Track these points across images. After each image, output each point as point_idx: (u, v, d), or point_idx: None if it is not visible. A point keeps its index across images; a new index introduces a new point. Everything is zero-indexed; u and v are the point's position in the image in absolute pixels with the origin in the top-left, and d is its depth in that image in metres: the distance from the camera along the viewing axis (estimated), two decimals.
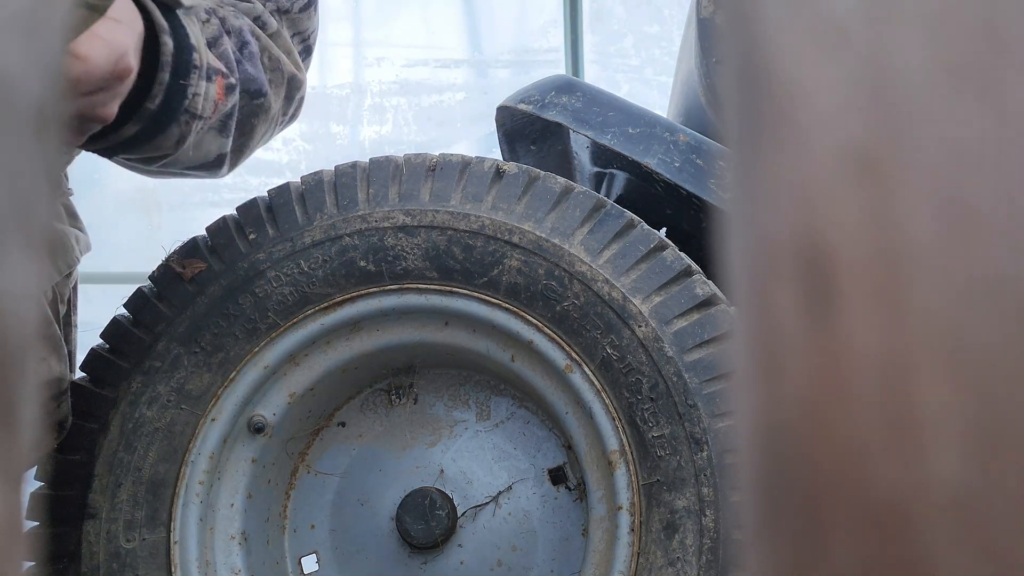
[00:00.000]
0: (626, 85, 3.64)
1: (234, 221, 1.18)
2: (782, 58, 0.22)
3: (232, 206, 1.22)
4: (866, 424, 0.21)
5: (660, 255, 1.11)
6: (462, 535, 1.22)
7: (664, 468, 1.08)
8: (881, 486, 0.21)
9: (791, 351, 0.23)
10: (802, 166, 0.22)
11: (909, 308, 0.21)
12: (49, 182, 0.25)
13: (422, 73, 3.74)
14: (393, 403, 1.28)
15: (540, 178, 1.14)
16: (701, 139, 1.28)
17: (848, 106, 0.22)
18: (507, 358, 1.17)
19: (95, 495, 1.13)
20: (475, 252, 1.13)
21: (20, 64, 0.24)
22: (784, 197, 0.23)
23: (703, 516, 1.06)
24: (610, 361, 1.10)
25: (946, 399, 0.21)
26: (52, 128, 0.25)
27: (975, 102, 0.21)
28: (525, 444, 1.24)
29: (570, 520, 1.22)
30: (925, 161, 0.21)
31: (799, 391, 0.22)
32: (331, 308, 1.16)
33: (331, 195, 1.16)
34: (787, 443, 0.23)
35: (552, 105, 1.35)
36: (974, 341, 0.21)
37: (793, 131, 0.22)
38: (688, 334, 1.08)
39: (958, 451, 0.21)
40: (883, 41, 0.21)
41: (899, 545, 0.21)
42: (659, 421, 1.08)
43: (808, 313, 0.22)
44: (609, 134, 1.29)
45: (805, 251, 0.22)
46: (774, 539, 0.23)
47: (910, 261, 0.21)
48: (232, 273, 1.15)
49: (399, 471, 1.24)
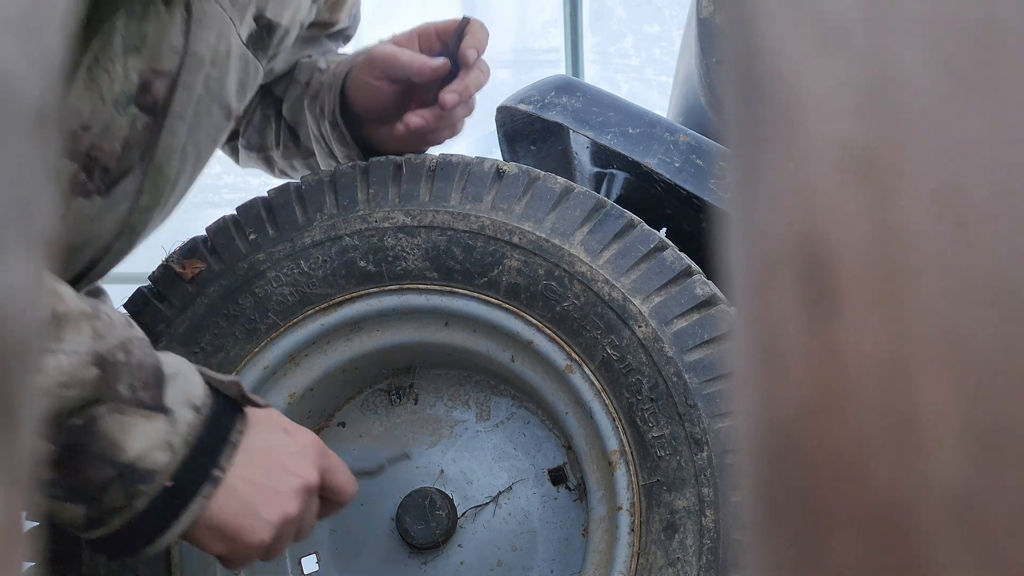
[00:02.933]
0: (626, 85, 3.64)
1: (234, 221, 1.18)
2: (782, 58, 0.22)
3: (232, 206, 1.22)
4: (866, 424, 0.21)
5: (660, 255, 1.11)
6: (462, 535, 1.22)
7: (664, 468, 1.08)
8: (881, 486, 0.21)
9: (791, 351, 0.23)
10: (802, 166, 0.22)
11: (909, 308, 0.21)
12: (49, 182, 0.25)
13: None
14: (393, 403, 1.28)
15: (540, 178, 1.14)
16: (701, 139, 1.28)
17: (848, 106, 0.22)
18: (507, 358, 1.17)
19: None
20: (475, 252, 1.13)
21: (20, 64, 0.24)
22: (784, 197, 0.23)
23: (703, 516, 1.06)
24: (610, 361, 1.10)
25: (946, 399, 0.21)
26: (52, 128, 0.25)
27: (975, 102, 0.21)
28: (525, 444, 1.24)
29: (570, 520, 1.22)
30: (925, 161, 0.21)
31: (799, 391, 0.22)
32: (331, 308, 1.16)
33: (331, 195, 1.16)
34: (787, 443, 0.23)
35: (552, 105, 1.35)
36: (974, 341, 0.21)
37: (793, 131, 0.22)
38: (688, 334, 1.08)
39: (958, 451, 0.21)
40: (883, 41, 0.21)
41: (899, 545, 0.21)
42: (659, 421, 1.08)
43: (808, 313, 0.22)
44: (609, 134, 1.29)
45: (805, 251, 0.22)
46: (774, 539, 0.23)
47: (910, 261, 0.21)
48: (232, 273, 1.15)
49: (399, 471, 1.24)
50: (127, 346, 0.83)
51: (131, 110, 1.01)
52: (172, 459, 0.84)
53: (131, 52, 0.99)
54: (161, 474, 0.84)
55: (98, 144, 1.00)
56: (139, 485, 0.83)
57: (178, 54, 1.03)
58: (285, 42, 1.23)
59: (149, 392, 0.84)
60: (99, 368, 0.80)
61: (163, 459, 0.84)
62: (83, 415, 0.80)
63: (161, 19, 1.00)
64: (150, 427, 0.83)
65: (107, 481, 0.82)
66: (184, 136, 1.08)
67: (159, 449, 0.83)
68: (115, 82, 0.99)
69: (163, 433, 0.84)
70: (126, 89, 1.00)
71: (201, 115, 1.09)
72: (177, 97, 1.05)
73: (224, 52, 1.09)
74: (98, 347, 0.80)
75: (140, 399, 0.83)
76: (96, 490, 0.82)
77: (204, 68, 1.07)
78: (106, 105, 0.99)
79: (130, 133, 1.03)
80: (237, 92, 1.14)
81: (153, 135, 1.05)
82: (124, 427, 0.82)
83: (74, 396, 0.79)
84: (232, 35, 1.10)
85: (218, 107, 1.12)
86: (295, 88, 1.39)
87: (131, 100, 1.01)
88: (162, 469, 0.84)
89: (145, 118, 1.03)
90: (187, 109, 1.07)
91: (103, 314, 0.83)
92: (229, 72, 1.11)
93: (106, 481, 0.82)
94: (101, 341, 0.81)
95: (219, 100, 1.11)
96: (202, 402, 0.88)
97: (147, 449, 0.83)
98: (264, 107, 1.43)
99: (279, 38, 1.20)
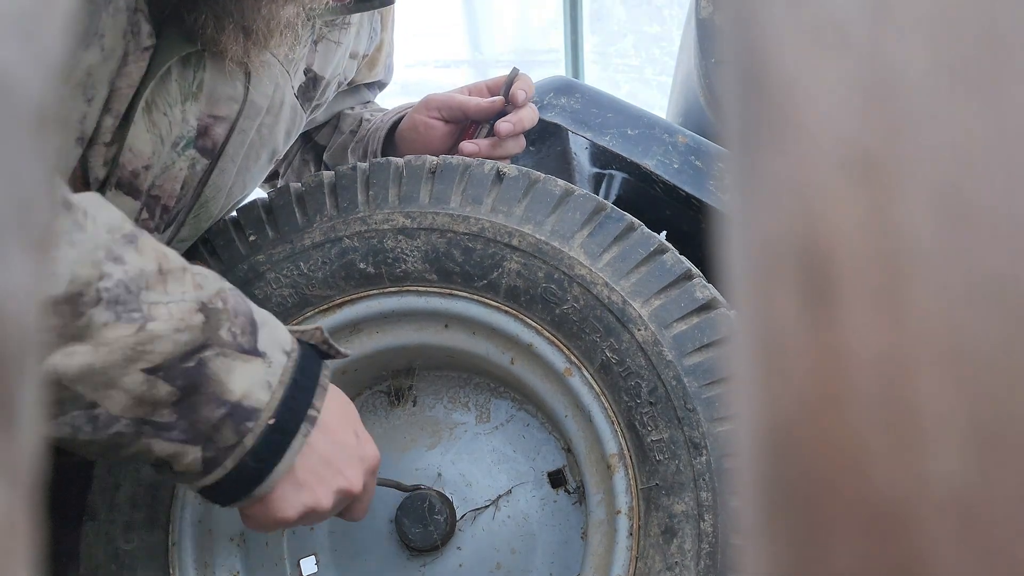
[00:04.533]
0: (626, 85, 3.64)
1: (234, 222, 1.18)
2: (782, 58, 0.22)
3: None
4: (866, 424, 0.21)
5: (660, 258, 1.11)
6: (461, 538, 1.22)
7: (663, 472, 1.07)
8: (881, 486, 0.21)
9: (791, 351, 0.23)
10: (802, 166, 0.22)
11: (909, 308, 0.21)
12: (49, 182, 0.25)
13: (422, 73, 3.74)
14: (393, 405, 1.28)
15: (540, 181, 1.14)
16: (700, 140, 1.28)
17: (848, 106, 0.22)
18: (507, 361, 1.16)
19: (94, 496, 1.13)
20: (475, 255, 1.13)
21: (20, 64, 0.24)
22: (784, 197, 0.23)
23: (702, 521, 1.06)
24: (609, 364, 1.10)
25: (946, 399, 0.21)
26: (52, 128, 0.25)
27: (975, 102, 0.21)
28: (525, 447, 1.24)
29: (569, 523, 1.21)
30: (925, 161, 0.21)
31: (799, 391, 0.22)
32: (331, 310, 1.16)
33: (331, 197, 1.16)
34: (787, 443, 0.23)
35: (551, 106, 1.35)
36: (974, 341, 0.21)
37: (793, 131, 0.22)
38: (688, 338, 1.08)
39: (958, 451, 0.21)
40: (883, 41, 0.21)
41: (899, 545, 0.21)
42: (658, 425, 1.08)
43: (808, 313, 0.22)
44: (608, 135, 1.29)
45: (805, 251, 0.22)
46: (774, 540, 0.23)
47: (910, 261, 0.21)
48: (231, 275, 1.15)
49: (398, 473, 1.24)
50: (223, 295, 0.90)
51: (190, 152, 1.09)
52: (272, 398, 0.91)
53: (189, 98, 1.06)
54: (264, 412, 0.90)
55: (159, 184, 1.07)
56: (246, 423, 0.90)
57: (237, 102, 1.11)
58: (327, 94, 1.34)
59: (246, 337, 0.91)
60: (203, 314, 0.88)
61: (264, 397, 0.90)
62: (194, 358, 0.87)
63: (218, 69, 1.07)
64: (250, 368, 0.90)
65: (220, 420, 0.89)
66: (232, 177, 1.16)
67: (260, 388, 0.90)
68: (173, 126, 1.06)
69: (262, 374, 0.91)
70: (184, 133, 1.07)
71: (250, 158, 1.18)
72: (232, 141, 1.13)
73: (279, 102, 1.17)
74: (200, 296, 0.88)
75: (239, 343, 0.90)
76: (211, 429, 0.89)
77: (260, 116, 1.15)
78: (165, 147, 1.06)
79: (189, 174, 1.10)
80: (284, 138, 1.23)
81: (206, 174, 1.13)
82: (229, 369, 0.89)
83: (187, 340, 0.86)
84: (287, 86, 1.19)
85: (267, 151, 1.20)
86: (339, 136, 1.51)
87: (191, 143, 1.08)
88: (264, 407, 0.90)
89: (203, 160, 1.11)
90: (239, 152, 1.15)
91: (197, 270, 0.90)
92: (280, 120, 1.19)
93: (219, 420, 0.89)
94: (202, 291, 0.88)
95: (268, 145, 1.20)
96: (291, 347, 0.95)
97: (249, 388, 0.90)
98: (304, 152, 1.56)
99: (322, 89, 1.30)
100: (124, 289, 0.82)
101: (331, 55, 1.29)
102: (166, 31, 1.01)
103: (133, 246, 0.84)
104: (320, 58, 1.27)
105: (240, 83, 1.11)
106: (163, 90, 1.03)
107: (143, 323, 0.83)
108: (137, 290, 0.83)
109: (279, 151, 1.24)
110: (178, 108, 1.05)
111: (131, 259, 0.84)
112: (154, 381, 0.85)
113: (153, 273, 0.85)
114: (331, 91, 1.36)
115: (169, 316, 0.85)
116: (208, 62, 1.06)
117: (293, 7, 1.05)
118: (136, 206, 1.06)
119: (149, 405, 0.86)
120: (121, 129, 1.02)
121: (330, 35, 1.28)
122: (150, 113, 1.02)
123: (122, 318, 0.82)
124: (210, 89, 1.08)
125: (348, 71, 1.40)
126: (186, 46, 1.02)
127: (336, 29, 1.29)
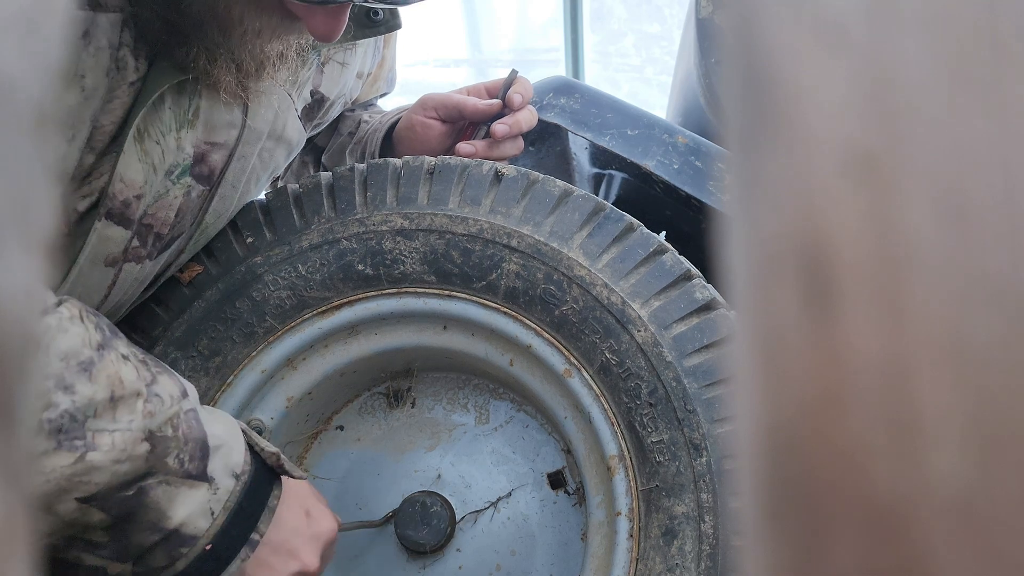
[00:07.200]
0: (626, 85, 3.64)
1: (231, 225, 1.18)
2: (782, 58, 0.22)
3: None
4: (866, 424, 0.21)
5: (659, 259, 1.11)
6: (461, 539, 1.22)
7: (663, 474, 1.07)
8: (881, 486, 0.21)
9: (791, 352, 0.23)
10: (802, 166, 0.22)
11: (909, 308, 0.21)
12: (49, 182, 0.25)
13: (422, 73, 3.74)
14: (391, 407, 1.28)
15: (539, 181, 1.14)
16: (700, 141, 1.28)
17: (848, 106, 0.22)
18: (506, 362, 1.16)
19: None
20: (473, 256, 1.12)
21: (20, 64, 0.24)
22: (784, 197, 0.23)
23: (702, 522, 1.06)
24: (609, 366, 1.10)
25: (946, 399, 0.21)
26: (52, 128, 0.25)
27: (975, 102, 0.21)
28: (524, 448, 1.24)
29: (569, 525, 1.21)
30: (925, 161, 0.21)
31: (799, 392, 0.22)
32: (329, 312, 1.15)
33: (328, 198, 1.16)
34: (787, 444, 0.22)
35: (550, 106, 1.35)
36: (974, 341, 0.21)
37: (793, 131, 0.22)
38: (687, 339, 1.08)
39: (958, 451, 0.21)
40: (883, 41, 0.21)
41: (899, 545, 0.21)
42: (658, 426, 1.08)
43: (808, 313, 0.22)
44: (607, 136, 1.29)
45: (805, 251, 0.22)
46: (774, 540, 0.23)
47: (910, 261, 0.21)
48: (229, 277, 1.15)
49: (397, 475, 1.24)
50: (175, 421, 0.90)
51: (185, 180, 1.07)
52: (212, 524, 0.93)
53: (184, 126, 1.04)
54: (202, 539, 0.92)
55: (151, 212, 1.05)
56: (181, 548, 0.91)
57: (236, 128, 1.10)
58: (330, 113, 1.35)
59: (195, 463, 0.92)
60: (149, 443, 0.88)
61: (204, 525, 0.92)
62: (134, 487, 0.87)
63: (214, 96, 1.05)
64: (194, 495, 0.91)
65: (153, 545, 0.90)
66: (234, 203, 1.16)
67: (201, 516, 0.92)
68: (167, 154, 1.04)
69: (205, 500, 0.92)
70: (179, 160, 1.05)
71: (251, 183, 1.17)
72: (231, 167, 1.11)
73: (280, 126, 1.17)
74: (149, 424, 0.88)
75: (187, 470, 0.91)
76: (143, 552, 0.90)
77: (260, 141, 1.14)
78: (158, 175, 1.04)
79: (184, 202, 1.08)
80: (285, 158, 1.23)
81: (205, 202, 1.11)
82: (171, 496, 0.90)
83: (127, 470, 0.86)
84: (289, 110, 1.18)
85: (267, 175, 1.20)
86: (338, 138, 1.50)
87: (186, 171, 1.06)
88: (203, 534, 0.92)
89: (200, 188, 1.09)
90: (240, 178, 1.14)
91: (153, 394, 0.90)
92: (281, 143, 1.19)
93: (152, 545, 0.90)
94: (152, 419, 0.88)
95: (269, 167, 1.20)
96: (242, 470, 0.96)
97: (190, 515, 0.91)
98: (303, 154, 1.55)
99: (326, 109, 1.31)
100: (69, 419, 0.82)
101: (337, 76, 1.30)
102: (158, 63, 0.99)
103: (87, 374, 0.84)
104: (327, 80, 1.27)
105: (238, 109, 1.09)
106: (155, 118, 1.01)
107: (84, 451, 0.83)
108: (83, 419, 0.83)
109: (280, 170, 1.25)
110: (172, 136, 1.03)
111: (81, 388, 0.83)
112: (87, 509, 0.85)
113: (103, 401, 0.85)
114: (335, 111, 1.37)
115: (111, 446, 0.85)
116: (204, 89, 1.04)
117: (279, 44, 1.04)
118: (127, 235, 1.03)
119: (80, 527, 0.86)
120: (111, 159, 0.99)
121: (335, 57, 1.28)
122: (142, 142, 1.00)
123: (63, 446, 0.82)
124: (207, 116, 1.06)
125: (353, 91, 1.40)
126: (179, 74, 1.00)
127: (343, 51, 1.30)
